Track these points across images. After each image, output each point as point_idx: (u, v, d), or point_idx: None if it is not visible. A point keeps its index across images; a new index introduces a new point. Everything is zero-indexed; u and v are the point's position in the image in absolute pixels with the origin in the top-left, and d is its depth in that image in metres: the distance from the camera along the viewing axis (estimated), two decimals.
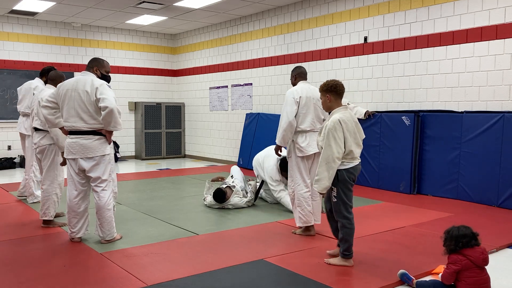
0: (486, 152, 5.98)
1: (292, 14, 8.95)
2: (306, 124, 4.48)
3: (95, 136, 4.09)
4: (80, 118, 4.05)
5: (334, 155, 3.43)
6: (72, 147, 4.10)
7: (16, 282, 3.28)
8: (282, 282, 3.34)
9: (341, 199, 3.54)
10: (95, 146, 4.08)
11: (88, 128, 4.07)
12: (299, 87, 4.59)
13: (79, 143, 4.08)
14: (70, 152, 4.13)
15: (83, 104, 4.03)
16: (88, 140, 4.07)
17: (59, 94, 4.16)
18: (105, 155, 4.13)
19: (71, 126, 4.10)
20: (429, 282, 3.17)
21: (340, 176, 3.50)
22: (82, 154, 4.08)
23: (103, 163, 4.12)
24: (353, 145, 3.52)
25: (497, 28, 6.01)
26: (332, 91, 3.65)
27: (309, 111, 4.49)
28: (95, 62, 4.35)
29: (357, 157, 3.56)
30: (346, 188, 3.54)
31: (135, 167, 10.21)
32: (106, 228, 4.19)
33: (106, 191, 4.17)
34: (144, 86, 12.00)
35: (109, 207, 4.18)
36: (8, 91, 10.03)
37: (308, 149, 4.45)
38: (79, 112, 4.05)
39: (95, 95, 4.00)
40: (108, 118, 3.99)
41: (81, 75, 4.18)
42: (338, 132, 3.46)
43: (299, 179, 4.49)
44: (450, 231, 3.07)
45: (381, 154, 7.13)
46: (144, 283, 3.25)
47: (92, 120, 4.06)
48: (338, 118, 3.51)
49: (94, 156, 4.08)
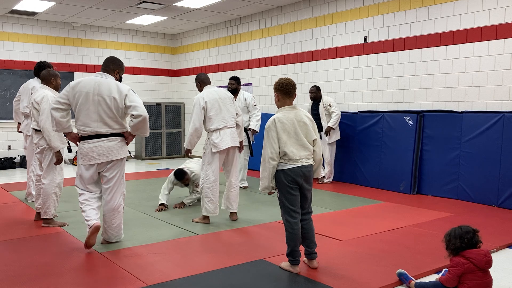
0: (486, 152, 5.98)
1: (292, 14, 8.95)
2: (217, 123, 4.94)
3: (118, 138, 4.00)
4: (104, 123, 3.90)
5: (268, 155, 3.41)
6: (94, 152, 3.93)
7: (16, 282, 3.28)
8: (282, 282, 3.34)
9: (281, 202, 3.50)
10: (118, 148, 3.99)
11: (111, 132, 3.95)
12: (204, 92, 5.03)
13: (103, 146, 3.93)
14: (91, 157, 3.95)
15: (109, 111, 3.88)
16: (112, 142, 3.95)
17: (74, 95, 3.91)
18: (124, 157, 4.07)
19: (92, 131, 3.92)
20: (429, 283, 3.15)
21: (278, 178, 3.45)
22: (106, 157, 3.95)
23: (121, 165, 4.06)
24: (291, 146, 3.42)
25: (497, 28, 6.01)
26: (278, 90, 3.57)
27: (218, 112, 4.95)
28: (116, 65, 4.12)
29: (296, 159, 3.42)
30: (286, 191, 3.43)
31: (135, 167, 10.21)
32: (115, 230, 4.11)
33: (118, 192, 4.08)
34: (144, 86, 12.00)
35: (119, 209, 4.10)
36: (8, 91, 10.03)
37: (221, 144, 4.92)
38: (103, 117, 3.89)
39: (123, 102, 3.88)
40: (139, 125, 3.91)
41: (101, 77, 3.98)
42: (272, 132, 3.43)
43: (210, 173, 4.96)
44: (452, 231, 3.06)
45: (381, 154, 7.12)
46: (144, 283, 3.25)
47: (117, 125, 3.96)
48: (274, 118, 3.48)
49: (118, 158, 3.99)
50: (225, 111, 4.99)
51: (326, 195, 6.61)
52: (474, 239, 2.99)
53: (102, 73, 4.02)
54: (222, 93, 5.05)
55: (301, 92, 8.38)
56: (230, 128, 5.01)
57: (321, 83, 8.41)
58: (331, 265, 3.63)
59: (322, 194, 6.68)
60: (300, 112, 3.56)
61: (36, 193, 5.06)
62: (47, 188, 4.79)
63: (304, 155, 3.47)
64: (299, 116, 3.51)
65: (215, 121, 4.93)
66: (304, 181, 3.47)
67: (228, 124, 4.99)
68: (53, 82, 4.95)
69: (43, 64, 5.56)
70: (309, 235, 3.57)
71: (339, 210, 5.66)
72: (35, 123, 4.85)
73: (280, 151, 3.41)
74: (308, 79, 8.68)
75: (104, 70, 4.06)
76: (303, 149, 3.47)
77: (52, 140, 4.60)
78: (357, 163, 7.51)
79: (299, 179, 3.44)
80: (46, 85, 4.93)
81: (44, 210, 4.80)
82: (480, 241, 3.02)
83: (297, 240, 3.46)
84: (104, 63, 4.09)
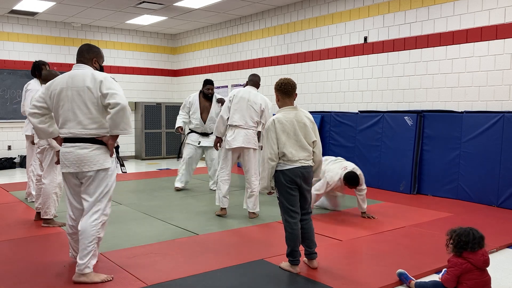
0: (486, 152, 5.98)
1: (292, 14, 8.95)
2: (235, 119, 5.15)
3: (94, 145, 3.30)
4: (78, 122, 3.28)
5: (267, 155, 3.42)
6: (66, 158, 3.32)
7: (16, 282, 3.28)
8: (282, 282, 3.34)
9: (280, 202, 3.52)
10: (93, 158, 3.29)
11: (86, 135, 3.29)
12: (240, 89, 5.31)
13: (74, 153, 3.28)
14: (64, 165, 3.34)
15: (82, 105, 3.26)
16: (85, 149, 3.28)
17: (49, 95, 3.36)
18: (103, 169, 3.32)
19: (67, 133, 3.33)
20: (429, 283, 3.16)
21: (277, 178, 3.47)
22: (77, 168, 3.29)
23: (98, 179, 3.32)
24: (290, 147, 3.42)
25: (497, 28, 6.01)
26: (278, 90, 3.59)
27: (240, 109, 5.15)
28: (92, 52, 3.49)
29: (295, 160, 3.43)
30: (285, 192, 3.45)
31: (135, 167, 10.21)
32: (81, 254, 3.26)
33: (95, 213, 3.32)
34: (144, 86, 12.01)
35: (92, 233, 3.27)
36: (8, 91, 10.02)
37: (233, 143, 5.12)
38: (77, 114, 3.27)
39: (99, 90, 3.23)
40: (117, 118, 3.21)
41: (76, 70, 3.39)
42: (271, 132, 3.44)
43: (224, 167, 5.29)
44: (465, 231, 2.99)
45: (382, 154, 7.12)
46: (144, 283, 3.25)
47: (93, 125, 3.29)
48: (273, 119, 3.48)
49: (90, 170, 3.29)
50: (246, 112, 5.15)
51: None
52: (481, 244, 2.98)
53: (78, 65, 3.43)
54: (252, 97, 5.19)
55: (301, 92, 8.39)
56: (246, 129, 5.15)
57: (321, 83, 8.41)
58: (331, 265, 3.63)
59: None
60: (301, 113, 3.55)
61: (36, 193, 5.06)
62: (47, 188, 4.79)
63: (303, 156, 3.47)
64: (299, 117, 3.51)
65: (233, 116, 5.16)
66: (303, 181, 3.47)
67: (244, 125, 5.15)
68: None
69: (38, 63, 5.64)
70: (309, 235, 3.57)
71: (339, 210, 5.67)
72: None
73: (279, 152, 3.42)
74: (308, 79, 8.68)
75: (79, 61, 3.46)
76: (302, 150, 3.47)
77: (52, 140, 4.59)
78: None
79: (298, 180, 3.44)
80: None
81: (45, 210, 4.80)
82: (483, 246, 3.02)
83: (296, 240, 3.46)
84: (78, 53, 3.48)
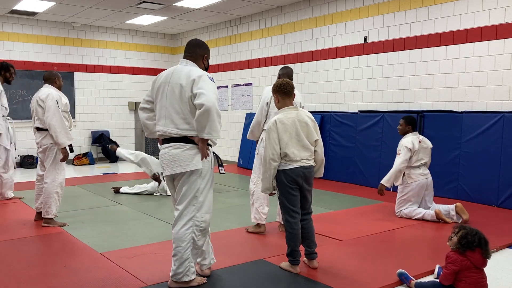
0: (486, 152, 5.98)
1: (292, 14, 8.96)
2: None
3: (187, 144, 3.07)
4: (171, 120, 3.07)
5: (269, 156, 3.41)
6: (163, 160, 3.15)
7: (16, 282, 3.28)
8: (282, 282, 3.34)
9: (281, 202, 3.52)
10: (185, 158, 3.06)
11: (178, 134, 3.07)
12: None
13: (168, 154, 3.10)
14: (162, 168, 3.19)
15: (175, 103, 3.06)
16: (178, 149, 3.07)
17: (153, 89, 3.24)
18: (195, 170, 3.07)
19: (160, 130, 3.14)
20: (428, 283, 3.16)
21: (278, 178, 3.46)
22: (171, 169, 3.09)
23: (190, 181, 3.09)
24: (292, 147, 3.42)
25: (497, 28, 6.01)
26: (277, 91, 3.58)
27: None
28: (205, 48, 3.25)
29: (297, 160, 3.43)
30: (286, 191, 3.45)
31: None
32: (178, 263, 3.09)
33: (184, 217, 3.10)
34: (144, 86, 11.99)
35: (185, 238, 3.07)
36: (8, 91, 10.02)
37: None
38: (170, 112, 3.07)
39: (191, 89, 3.01)
40: (202, 120, 2.93)
41: (180, 64, 3.22)
42: (272, 133, 3.43)
43: None
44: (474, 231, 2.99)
45: (382, 154, 7.12)
46: (144, 283, 3.25)
47: (185, 125, 3.06)
48: (275, 119, 3.48)
49: (183, 172, 3.07)
50: None
51: (326, 195, 6.61)
52: (486, 248, 2.98)
53: (184, 60, 3.24)
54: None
55: (301, 92, 8.38)
56: None
57: (321, 83, 8.41)
58: (331, 265, 3.63)
59: (322, 194, 6.68)
60: (302, 113, 3.55)
61: (37, 192, 5.06)
62: (49, 188, 4.79)
63: (305, 156, 3.47)
64: (301, 117, 3.51)
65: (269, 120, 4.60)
66: (304, 181, 3.47)
67: None
68: (57, 82, 4.99)
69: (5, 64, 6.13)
70: (309, 235, 3.57)
71: (339, 210, 5.67)
72: (38, 121, 4.83)
73: (281, 152, 3.42)
74: (308, 79, 8.68)
75: (188, 57, 3.24)
76: (304, 149, 3.48)
77: (59, 137, 4.61)
78: (357, 163, 7.51)
79: (299, 180, 3.45)
80: (50, 84, 4.94)
81: (46, 209, 4.79)
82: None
83: (297, 240, 3.46)
84: (188, 48, 3.25)
